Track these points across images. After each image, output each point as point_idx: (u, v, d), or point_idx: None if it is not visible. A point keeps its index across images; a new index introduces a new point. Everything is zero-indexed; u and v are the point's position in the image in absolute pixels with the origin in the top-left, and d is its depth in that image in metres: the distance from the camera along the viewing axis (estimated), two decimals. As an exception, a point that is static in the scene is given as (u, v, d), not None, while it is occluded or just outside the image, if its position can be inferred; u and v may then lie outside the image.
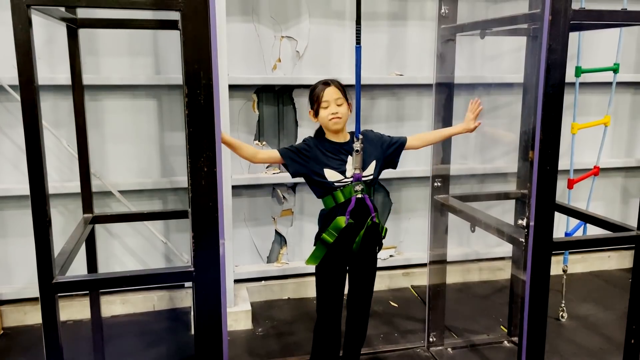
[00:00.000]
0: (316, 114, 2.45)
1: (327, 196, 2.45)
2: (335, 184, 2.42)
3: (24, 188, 3.33)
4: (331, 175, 2.42)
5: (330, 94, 2.40)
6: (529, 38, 2.94)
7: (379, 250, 2.60)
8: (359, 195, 2.42)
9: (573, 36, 3.66)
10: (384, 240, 2.61)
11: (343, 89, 2.45)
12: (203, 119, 1.78)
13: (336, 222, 2.41)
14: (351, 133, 2.49)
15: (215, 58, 1.77)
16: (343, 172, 2.42)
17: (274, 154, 2.51)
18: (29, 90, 1.68)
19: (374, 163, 2.47)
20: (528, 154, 2.31)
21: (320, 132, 2.52)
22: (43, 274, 1.78)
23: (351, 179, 2.42)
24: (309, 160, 2.45)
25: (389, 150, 2.55)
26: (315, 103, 2.44)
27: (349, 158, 2.44)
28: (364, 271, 2.57)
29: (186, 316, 3.60)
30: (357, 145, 2.40)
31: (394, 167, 2.61)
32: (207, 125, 1.79)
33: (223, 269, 1.89)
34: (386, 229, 2.60)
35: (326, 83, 2.43)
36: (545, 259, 2.15)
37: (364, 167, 2.44)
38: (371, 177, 2.46)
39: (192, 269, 1.86)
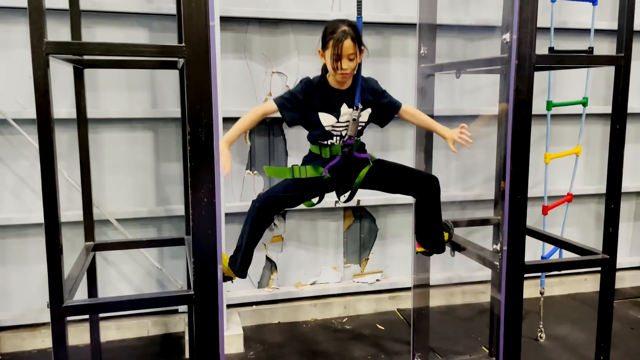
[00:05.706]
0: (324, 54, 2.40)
1: (316, 145, 2.55)
2: (328, 127, 2.46)
3: (23, 217, 3.46)
4: (325, 119, 2.45)
5: (346, 49, 2.30)
6: (501, 76, 3.16)
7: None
8: (345, 150, 2.50)
9: (544, 73, 3.90)
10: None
11: (358, 34, 2.35)
12: (204, 154, 1.96)
13: (314, 167, 2.52)
14: (354, 77, 2.46)
15: (216, 100, 1.95)
16: (337, 116, 2.45)
17: (271, 105, 2.49)
18: (46, 129, 1.85)
19: (368, 110, 2.52)
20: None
21: (324, 69, 2.50)
22: (54, 298, 1.91)
23: (344, 126, 2.46)
24: (304, 105, 2.46)
25: (382, 101, 2.57)
26: (328, 49, 2.34)
27: (344, 105, 2.45)
28: (385, 171, 2.64)
29: (180, 341, 3.70)
30: (354, 114, 2.43)
31: (382, 125, 2.66)
32: (207, 160, 1.97)
33: (221, 293, 2.04)
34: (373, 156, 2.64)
35: (343, 33, 2.29)
36: (518, 281, 2.33)
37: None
38: (362, 125, 2.51)
39: (192, 292, 2.01)
